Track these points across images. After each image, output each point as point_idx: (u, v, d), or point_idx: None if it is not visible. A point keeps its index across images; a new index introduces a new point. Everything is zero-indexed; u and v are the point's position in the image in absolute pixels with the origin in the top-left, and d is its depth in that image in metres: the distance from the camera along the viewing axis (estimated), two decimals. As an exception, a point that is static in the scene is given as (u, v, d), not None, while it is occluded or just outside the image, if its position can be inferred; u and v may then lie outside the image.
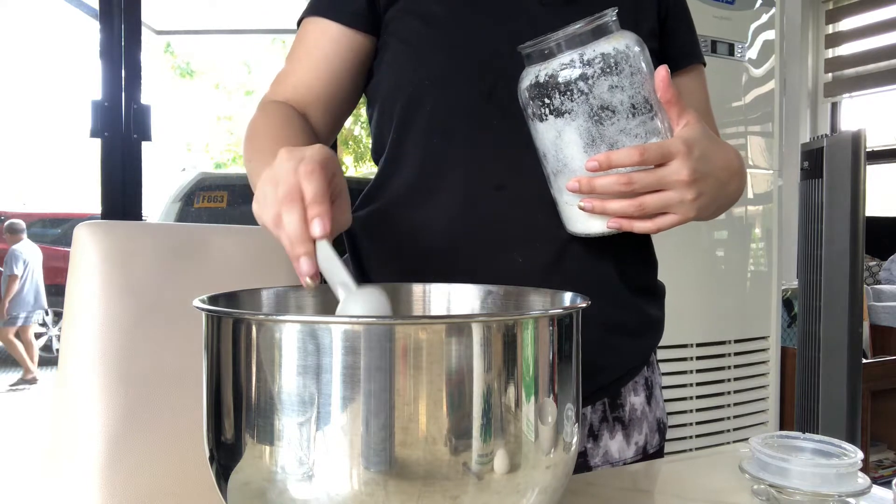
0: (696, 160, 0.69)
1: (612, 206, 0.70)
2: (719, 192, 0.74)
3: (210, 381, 0.48)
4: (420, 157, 0.82)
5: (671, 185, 0.69)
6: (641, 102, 0.69)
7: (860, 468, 0.63)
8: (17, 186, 6.52)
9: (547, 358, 0.47)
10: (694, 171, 0.69)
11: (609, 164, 0.67)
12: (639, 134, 0.69)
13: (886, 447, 2.55)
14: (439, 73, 0.81)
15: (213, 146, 8.10)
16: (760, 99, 2.29)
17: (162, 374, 0.80)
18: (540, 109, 0.71)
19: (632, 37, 0.70)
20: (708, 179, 0.71)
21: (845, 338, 1.95)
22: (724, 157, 0.75)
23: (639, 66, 0.69)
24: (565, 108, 0.69)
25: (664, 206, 0.70)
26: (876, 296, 2.97)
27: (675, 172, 0.68)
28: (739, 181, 0.80)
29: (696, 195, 0.70)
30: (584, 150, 0.70)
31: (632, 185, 0.68)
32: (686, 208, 0.70)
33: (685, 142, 0.69)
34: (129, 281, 0.80)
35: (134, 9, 1.93)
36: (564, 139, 0.70)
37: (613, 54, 0.68)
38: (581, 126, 0.69)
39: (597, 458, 0.85)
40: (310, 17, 0.85)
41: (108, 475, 0.76)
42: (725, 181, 0.75)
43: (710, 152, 0.72)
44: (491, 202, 0.80)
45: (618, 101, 0.68)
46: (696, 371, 2.16)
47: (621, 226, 0.71)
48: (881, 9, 3.61)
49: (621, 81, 0.68)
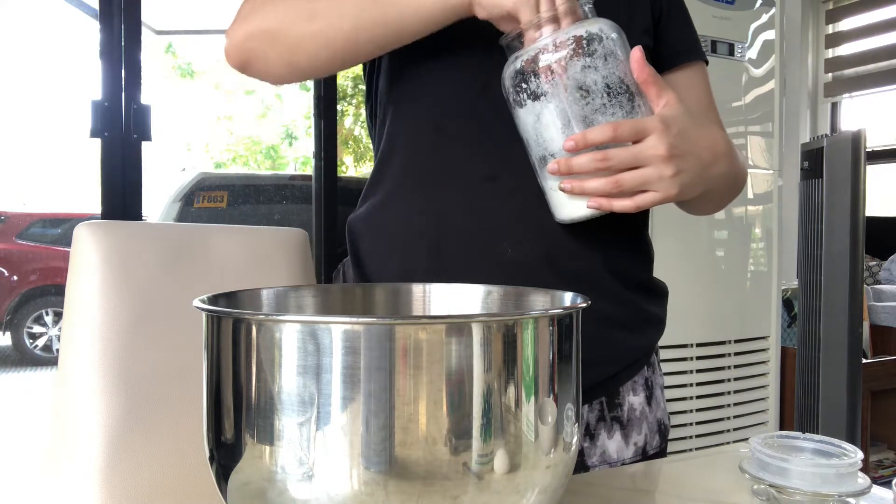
0: (674, 136, 0.69)
1: (590, 185, 0.70)
2: (703, 171, 0.74)
3: (210, 381, 0.48)
4: (413, 149, 0.83)
5: (648, 160, 0.69)
6: (617, 83, 0.70)
7: (860, 468, 0.63)
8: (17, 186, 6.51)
9: (547, 358, 0.47)
10: (671, 147, 0.68)
11: (585, 142, 0.68)
12: (616, 114, 0.70)
13: (886, 447, 2.55)
14: (433, 70, 0.81)
15: (213, 146, 8.10)
16: (760, 99, 2.30)
17: (162, 374, 0.80)
18: (519, 96, 0.72)
19: (607, 22, 0.71)
20: (688, 157, 0.71)
21: (845, 338, 1.95)
22: (707, 136, 0.75)
23: (612, 48, 0.70)
24: (541, 91, 0.70)
25: (642, 182, 0.69)
26: (876, 296, 2.97)
27: (652, 147, 0.68)
28: (728, 164, 0.79)
29: (674, 171, 0.69)
30: (562, 132, 0.71)
31: (608, 161, 0.68)
32: (666, 185, 0.70)
33: (662, 119, 0.69)
34: (129, 281, 0.80)
35: (134, 9, 1.93)
36: (543, 122, 0.72)
37: (585, 36, 0.69)
38: (557, 107, 0.70)
39: (594, 457, 0.85)
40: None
41: (108, 475, 0.76)
42: (709, 161, 0.74)
43: (690, 130, 0.71)
44: (483, 193, 0.80)
45: (591, 82, 0.69)
46: (696, 371, 2.16)
47: (601, 205, 0.71)
48: (881, 9, 3.61)
49: (594, 62, 0.69)
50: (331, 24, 0.73)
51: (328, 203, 2.44)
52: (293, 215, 4.16)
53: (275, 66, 0.78)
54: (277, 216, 4.15)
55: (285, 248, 0.94)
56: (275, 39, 0.76)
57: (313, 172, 2.51)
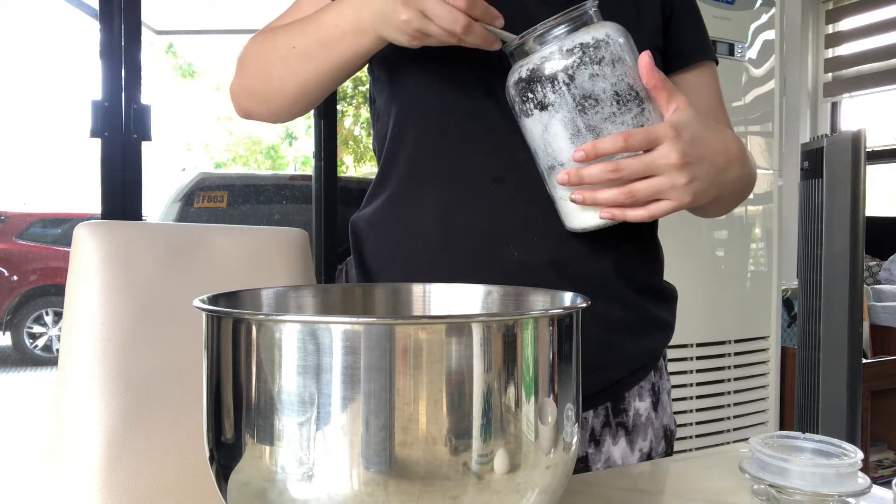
0: (686, 143, 0.68)
1: (603, 195, 0.69)
2: (716, 176, 0.72)
3: (210, 381, 0.48)
4: (419, 150, 0.82)
5: (660, 169, 0.67)
6: (626, 90, 0.69)
7: (860, 468, 0.63)
8: (17, 186, 6.51)
9: (547, 358, 0.47)
10: (684, 155, 0.67)
11: (595, 152, 0.67)
12: (625, 122, 0.69)
13: (886, 447, 2.55)
14: (437, 69, 0.81)
15: (213, 146, 8.10)
16: (760, 99, 2.30)
17: (162, 374, 0.80)
18: (525, 105, 0.71)
19: (613, 26, 0.70)
20: (701, 164, 0.69)
21: (845, 338, 1.95)
22: (719, 140, 0.73)
23: (620, 54, 0.69)
24: (548, 101, 0.69)
25: (655, 192, 0.69)
26: (876, 296, 2.97)
27: (664, 156, 0.67)
28: (741, 167, 0.77)
29: (688, 179, 0.68)
30: (571, 142, 0.69)
31: (619, 171, 0.67)
32: (679, 193, 0.69)
33: (673, 126, 0.68)
34: (129, 281, 0.80)
35: (134, 9, 1.93)
36: (551, 132, 0.70)
37: (592, 43, 0.68)
38: (565, 117, 0.69)
39: (599, 463, 0.84)
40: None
41: (108, 475, 0.76)
42: (722, 166, 0.73)
43: (702, 136, 0.70)
44: (489, 195, 0.79)
45: (600, 90, 0.68)
46: (696, 371, 2.16)
47: (614, 216, 0.70)
48: (881, 9, 3.61)
49: (602, 70, 0.68)
50: (284, 81, 0.81)
51: (328, 203, 2.44)
52: (293, 215, 4.15)
53: (265, 115, 0.88)
54: (277, 216, 4.15)
55: (285, 248, 0.94)
56: (252, 94, 0.87)
57: (313, 172, 2.51)
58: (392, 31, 0.70)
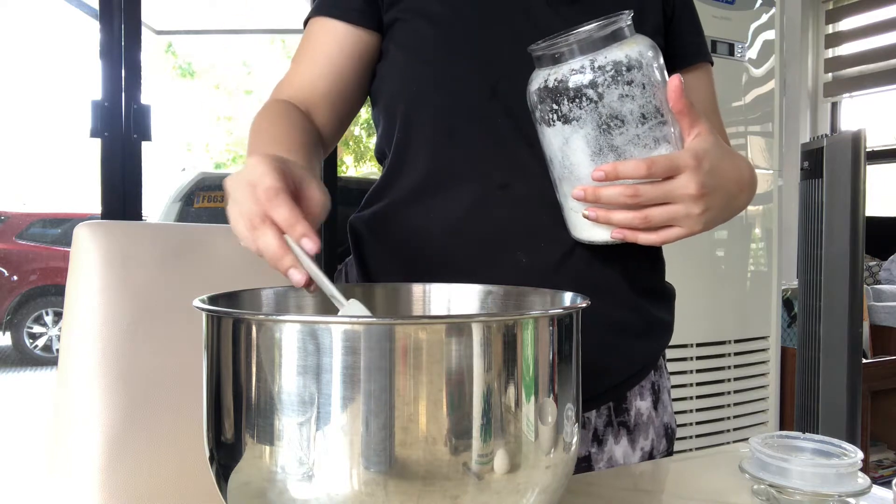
0: (706, 174, 0.68)
1: (617, 216, 0.69)
2: (728, 203, 0.73)
3: (210, 381, 0.48)
4: (425, 156, 0.82)
5: (678, 198, 0.68)
6: (652, 112, 0.68)
7: (860, 468, 0.63)
8: (17, 186, 6.51)
9: (547, 358, 0.47)
10: (702, 186, 0.68)
11: (616, 175, 0.66)
12: (647, 144, 0.68)
13: (886, 447, 2.55)
14: (442, 72, 0.80)
15: (213, 146, 8.10)
16: (760, 99, 2.30)
17: (162, 374, 0.80)
18: (548, 114, 0.69)
19: (645, 42, 0.68)
20: (716, 194, 0.70)
21: (845, 338, 1.95)
22: (734, 169, 0.74)
23: (651, 73, 0.67)
24: (573, 116, 0.68)
25: (670, 219, 0.69)
26: (876, 296, 2.97)
27: (683, 187, 0.67)
28: (749, 193, 0.79)
29: (703, 209, 0.69)
30: (591, 159, 0.68)
31: (638, 197, 0.67)
32: (692, 222, 0.69)
33: (695, 155, 0.68)
34: (129, 281, 0.80)
35: (134, 9, 1.93)
36: (571, 146, 0.69)
37: (626, 62, 0.66)
38: (589, 134, 0.68)
39: (601, 463, 0.85)
40: (315, 18, 0.86)
41: (108, 475, 0.76)
42: (735, 194, 0.74)
43: (720, 165, 0.71)
44: (496, 201, 0.79)
45: (628, 111, 0.67)
46: (696, 371, 2.16)
47: (625, 237, 0.70)
48: (881, 9, 3.61)
49: (632, 91, 0.66)
50: None
51: (328, 203, 2.43)
52: (293, 215, 4.15)
53: None
54: (277, 216, 4.14)
55: (285, 248, 0.93)
56: None
57: (313, 172, 2.51)
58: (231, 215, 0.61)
